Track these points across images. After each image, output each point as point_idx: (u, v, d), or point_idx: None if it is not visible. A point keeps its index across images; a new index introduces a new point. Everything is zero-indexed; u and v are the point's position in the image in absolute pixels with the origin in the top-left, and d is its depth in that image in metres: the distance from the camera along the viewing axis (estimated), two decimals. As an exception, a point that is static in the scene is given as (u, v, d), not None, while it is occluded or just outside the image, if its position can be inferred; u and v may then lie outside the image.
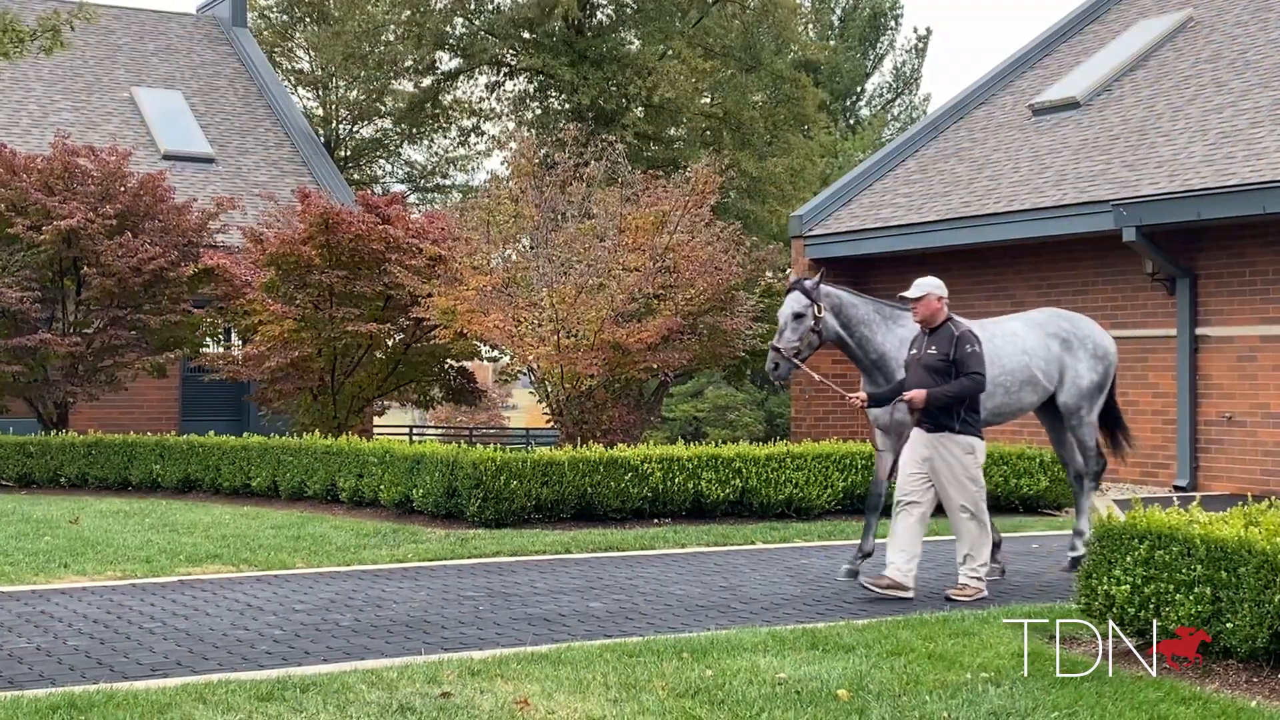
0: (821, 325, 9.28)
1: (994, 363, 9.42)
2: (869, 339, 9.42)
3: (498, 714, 5.74)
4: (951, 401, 8.59)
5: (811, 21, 44.00)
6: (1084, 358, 10.08)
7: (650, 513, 12.64)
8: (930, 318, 8.87)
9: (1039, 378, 9.86)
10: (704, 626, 7.74)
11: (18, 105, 23.95)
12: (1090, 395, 10.12)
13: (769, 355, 9.31)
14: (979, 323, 9.84)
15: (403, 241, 17.56)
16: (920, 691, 6.12)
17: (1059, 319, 10.26)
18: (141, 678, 6.35)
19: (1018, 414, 10.03)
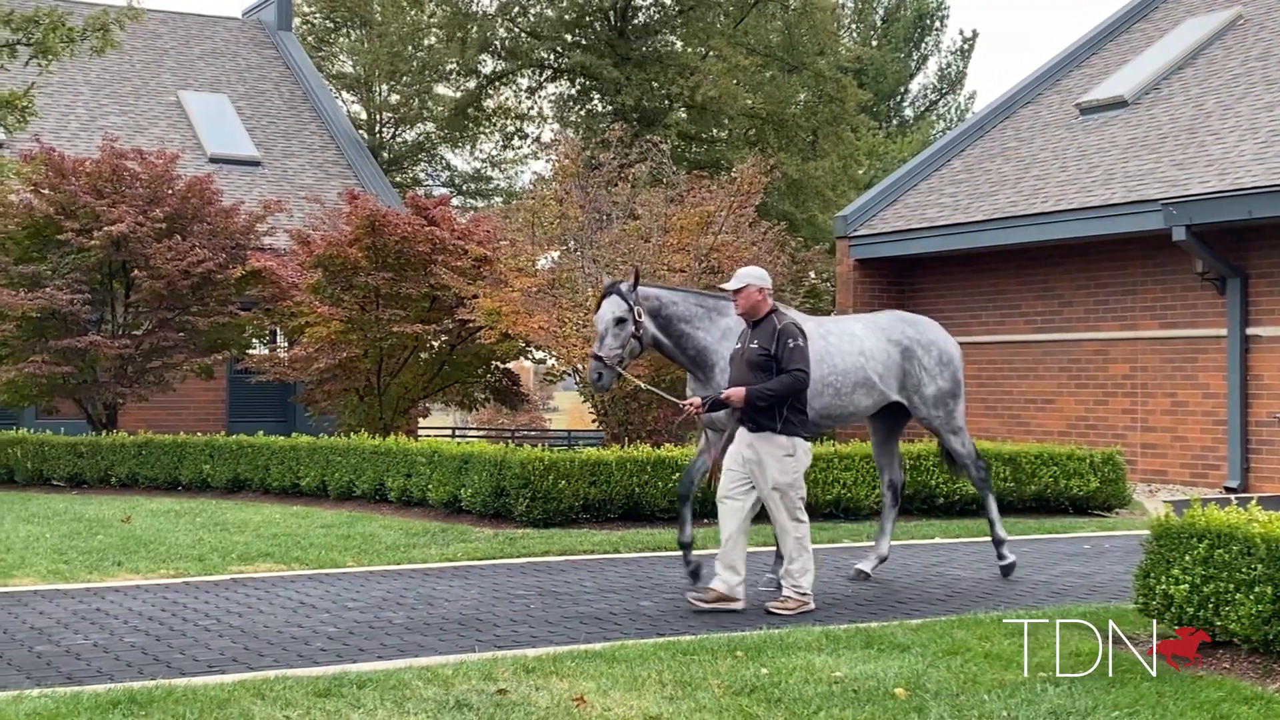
0: (642, 330, 8.76)
1: (824, 361, 9.07)
2: (688, 335, 8.89)
3: (554, 711, 5.74)
4: (773, 400, 8.05)
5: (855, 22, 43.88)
6: (928, 364, 9.63)
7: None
8: (752, 310, 8.29)
9: (875, 381, 9.40)
10: (756, 626, 7.71)
11: (66, 109, 24.19)
12: (940, 403, 9.65)
13: (590, 365, 8.76)
14: (817, 320, 9.60)
15: (448, 243, 17.63)
16: (978, 691, 6.08)
17: (902, 324, 9.80)
18: (199, 674, 6.38)
19: (852, 417, 9.54)
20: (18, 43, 14.85)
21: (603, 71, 31.65)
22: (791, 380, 8.05)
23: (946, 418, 9.74)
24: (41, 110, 15.97)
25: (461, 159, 40.75)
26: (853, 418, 9.54)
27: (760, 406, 8.06)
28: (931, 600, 8.70)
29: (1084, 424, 17.90)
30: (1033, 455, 13.76)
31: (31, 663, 6.60)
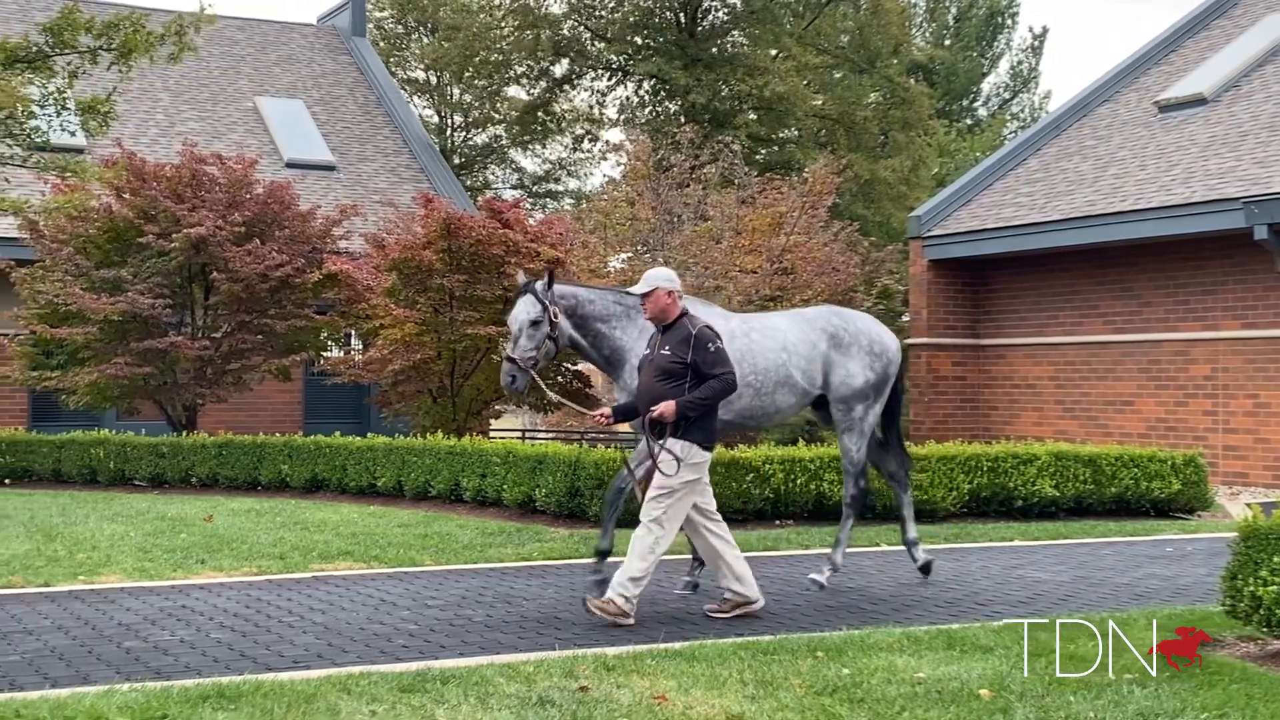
0: (558, 330, 8.47)
1: (745, 360, 8.83)
2: (604, 334, 8.64)
3: (636, 708, 5.75)
4: (707, 408, 7.75)
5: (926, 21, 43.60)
6: (857, 354, 9.25)
7: (772, 514, 12.59)
8: (660, 314, 7.94)
9: (796, 378, 9.09)
10: (834, 626, 7.69)
11: (145, 115, 24.57)
12: (863, 395, 9.25)
13: (504, 369, 8.41)
14: (742, 317, 9.35)
15: (522, 245, 17.70)
16: (1064, 692, 6.02)
17: (831, 315, 9.49)
18: (284, 669, 6.46)
19: (775, 418, 9.24)
20: (99, 49, 15.08)
21: (671, 73, 31.68)
22: (720, 385, 7.74)
23: (863, 414, 9.27)
24: (122, 116, 16.23)
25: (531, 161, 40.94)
26: (777, 417, 9.22)
27: (692, 418, 7.72)
28: (1012, 602, 8.62)
29: (1164, 426, 17.66)
30: (1113, 457, 13.61)
31: (121, 658, 6.71)
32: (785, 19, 33.12)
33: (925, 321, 19.97)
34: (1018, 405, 19.64)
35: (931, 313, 19.95)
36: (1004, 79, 46.59)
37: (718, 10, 34.03)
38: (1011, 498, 13.25)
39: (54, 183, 17.78)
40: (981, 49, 45.26)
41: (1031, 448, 13.61)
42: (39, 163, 15.96)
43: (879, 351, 9.35)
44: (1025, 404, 19.53)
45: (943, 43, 42.65)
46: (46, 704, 5.57)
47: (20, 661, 6.59)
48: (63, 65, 15.20)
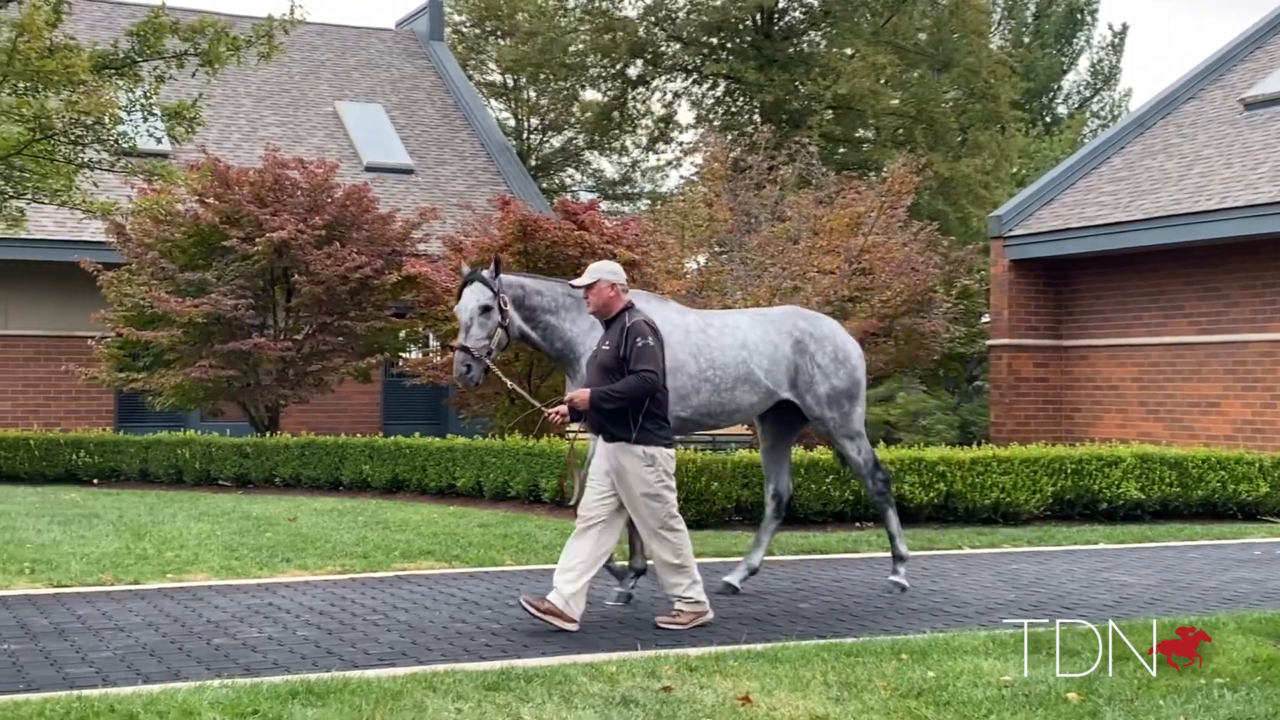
0: (508, 319, 8.20)
1: (702, 355, 8.59)
2: (555, 326, 8.35)
3: (720, 709, 5.75)
4: (621, 404, 7.42)
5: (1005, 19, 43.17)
6: (822, 361, 9.01)
7: (852, 516, 12.53)
8: (604, 308, 7.69)
9: (759, 376, 8.80)
10: (917, 629, 7.63)
11: (228, 121, 24.92)
12: (834, 403, 9.01)
13: (457, 358, 8.13)
14: (700, 313, 9.11)
15: (598, 247, 17.75)
16: (1153, 696, 5.94)
17: (796, 317, 9.22)
18: (370, 667, 6.52)
19: (735, 416, 8.96)
20: (185, 53, 15.30)
21: (745, 74, 31.62)
22: (639, 382, 7.42)
23: (842, 420, 9.07)
24: (206, 121, 16.40)
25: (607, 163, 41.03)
26: (738, 415, 8.97)
27: (607, 410, 7.46)
28: (1098, 605, 8.51)
29: (1250, 428, 17.35)
30: (1199, 460, 13.41)
31: (210, 655, 6.81)
32: (862, 17, 32.94)
33: (1006, 322, 19.78)
34: (1100, 407, 19.39)
35: (1013, 313, 19.75)
36: (1084, 77, 46.02)
37: (794, 10, 33.91)
38: (1096, 500, 13.10)
39: (140, 187, 18.07)
40: (1060, 46, 44.74)
41: (1116, 450, 13.44)
42: (126, 167, 16.24)
43: (842, 359, 9.08)
44: (1108, 406, 19.28)
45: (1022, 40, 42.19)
46: (140, 699, 5.67)
47: (113, 658, 6.71)
48: (149, 70, 15.44)
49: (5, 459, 17.08)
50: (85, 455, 16.99)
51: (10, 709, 5.51)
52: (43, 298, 21.04)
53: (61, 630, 7.39)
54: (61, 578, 9.15)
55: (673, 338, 8.43)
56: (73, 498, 14.83)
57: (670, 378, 8.25)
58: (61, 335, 20.96)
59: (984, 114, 33.15)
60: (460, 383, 8.16)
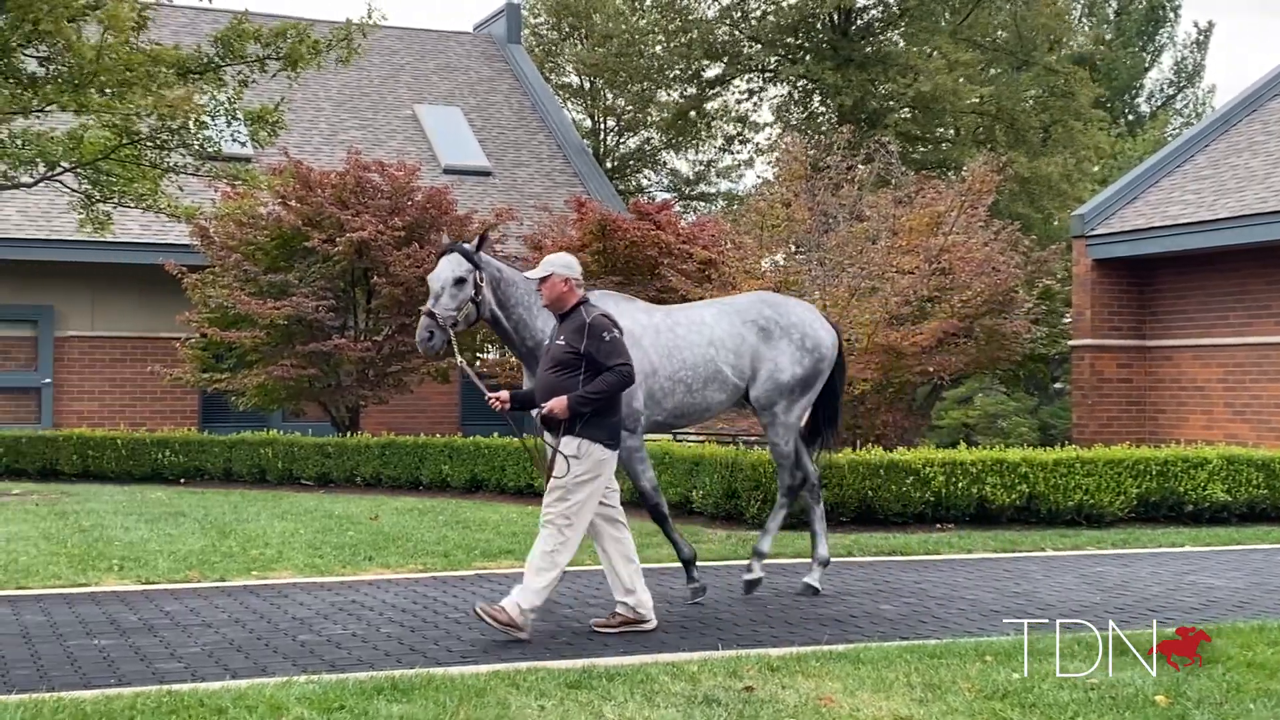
0: (481, 298, 7.94)
1: (674, 356, 8.44)
2: (527, 322, 8.10)
3: (802, 709, 5.73)
4: (600, 403, 7.21)
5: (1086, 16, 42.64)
6: (787, 348, 8.74)
7: (932, 517, 12.44)
8: (558, 302, 7.46)
9: (726, 373, 8.62)
10: (1000, 631, 7.55)
11: (310, 125, 25.21)
12: (789, 391, 8.74)
13: (422, 323, 7.84)
14: (666, 309, 8.88)
15: (675, 247, 17.79)
16: (1243, 700, 5.84)
17: (761, 304, 8.94)
18: (453, 664, 6.57)
19: (707, 414, 8.81)
20: (267, 57, 15.53)
21: (823, 74, 31.50)
22: (616, 378, 7.21)
23: (787, 408, 8.79)
24: (287, 125, 16.65)
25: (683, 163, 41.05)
26: (708, 413, 8.83)
27: (586, 414, 7.22)
28: (1185, 609, 8.38)
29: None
30: (1288, 461, 13.15)
31: (296, 651, 6.89)
32: (940, 15, 32.68)
33: (1089, 322, 19.52)
34: (1185, 408, 19.09)
35: (1095, 313, 19.49)
36: (1167, 74, 45.34)
37: (872, 9, 33.73)
38: (1181, 502, 12.90)
39: (224, 190, 18.37)
40: (1143, 43, 44.11)
41: (1202, 451, 13.22)
42: (210, 171, 16.50)
43: (811, 346, 8.82)
44: (1193, 407, 18.98)
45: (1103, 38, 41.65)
46: (229, 694, 5.75)
47: (200, 653, 6.81)
48: (232, 75, 15.69)
49: (93, 458, 17.40)
50: (171, 455, 17.26)
51: (103, 703, 5.61)
52: (129, 299, 21.42)
53: (150, 626, 7.51)
54: (149, 575, 9.31)
55: (646, 338, 8.34)
56: (159, 496, 15.07)
57: (646, 381, 8.24)
58: (147, 336, 21.33)
59: (1064, 112, 32.77)
60: (421, 349, 7.87)
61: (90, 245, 20.00)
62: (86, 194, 16.17)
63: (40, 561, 9.75)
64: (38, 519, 12.52)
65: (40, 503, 14.16)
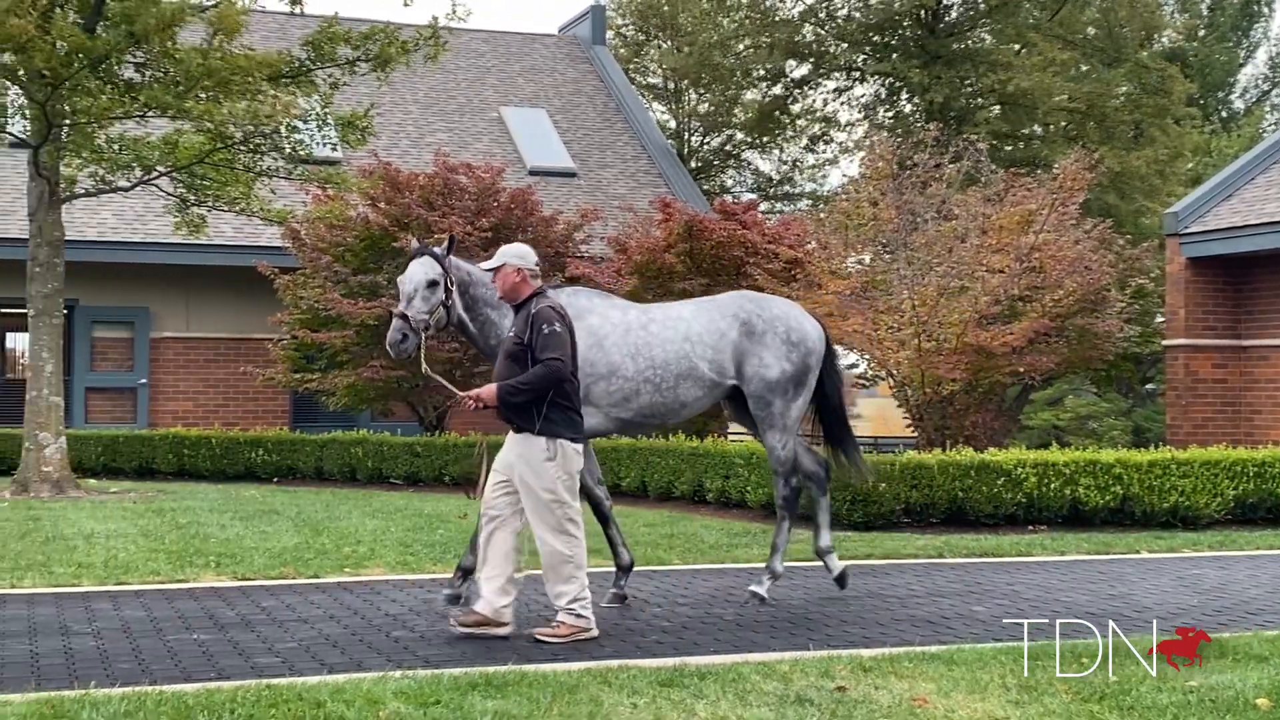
0: (452, 301, 7.83)
1: (641, 355, 8.22)
2: (496, 323, 7.96)
3: (896, 709, 5.69)
4: (528, 395, 7.03)
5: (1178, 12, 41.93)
6: (772, 344, 8.47)
7: (1024, 519, 12.30)
8: (511, 294, 7.35)
9: (702, 369, 8.37)
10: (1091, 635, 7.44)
11: (397, 128, 25.48)
12: (781, 389, 8.47)
13: (394, 325, 7.71)
14: (643, 307, 8.63)
15: (760, 247, 17.75)
16: (1351, 706, 5.71)
17: (744, 300, 8.73)
18: (545, 661, 6.60)
19: (682, 413, 8.50)
20: (357, 59, 15.73)
21: (910, 72, 31.27)
22: (545, 371, 7.03)
23: (783, 408, 8.52)
24: (376, 128, 16.86)
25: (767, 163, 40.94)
26: (685, 411, 8.52)
27: (515, 404, 7.07)
28: (1265, 613, 8.21)
29: None
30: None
31: (390, 646, 6.96)
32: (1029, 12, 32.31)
33: (1183, 322, 19.20)
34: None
35: (1189, 313, 19.17)
36: (1261, 69, 44.43)
37: (959, 6, 33.44)
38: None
39: (315, 193, 18.62)
40: (1237, 40, 43.27)
41: (1301, 452, 12.97)
42: (302, 174, 16.74)
43: (797, 340, 8.55)
44: (1291, 408, 18.60)
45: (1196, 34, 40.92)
46: (326, 688, 5.83)
47: (298, 648, 6.91)
48: (323, 78, 15.91)
49: (189, 457, 17.72)
50: (264, 454, 17.53)
51: (204, 696, 5.71)
52: (222, 301, 21.79)
53: (247, 621, 7.63)
54: (245, 571, 9.45)
55: (611, 338, 8.22)
56: (253, 495, 15.31)
57: (608, 380, 8.12)
58: (240, 337, 21.69)
59: (1156, 109, 32.24)
60: (393, 351, 7.76)
61: (185, 248, 20.37)
62: (182, 197, 16.48)
63: (139, 558, 9.95)
64: (136, 516, 12.77)
65: (138, 501, 14.44)
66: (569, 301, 8.16)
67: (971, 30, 33.37)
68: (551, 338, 7.08)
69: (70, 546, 10.52)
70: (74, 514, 12.91)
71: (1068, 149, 23.24)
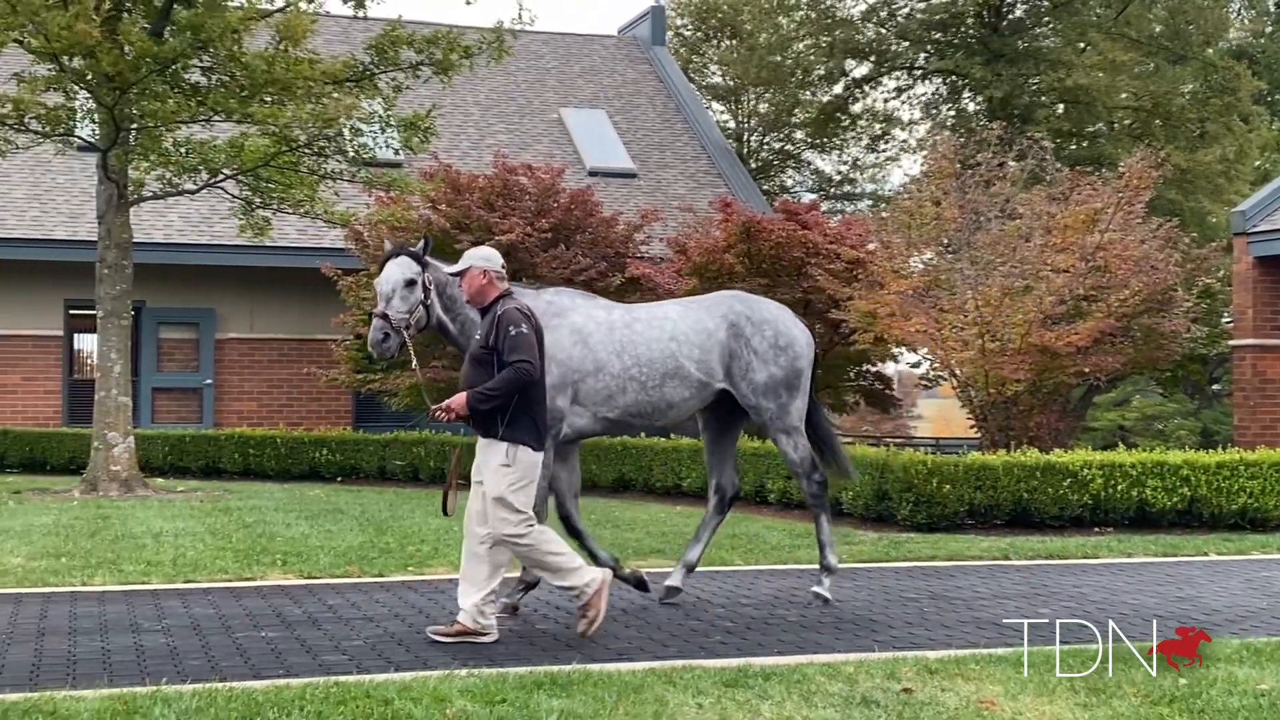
0: (430, 300, 7.74)
1: (626, 353, 8.09)
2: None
3: (963, 712, 5.66)
4: (498, 401, 6.91)
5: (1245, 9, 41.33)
6: (760, 347, 8.34)
7: (1090, 521, 12.18)
8: (477, 296, 7.23)
9: (689, 369, 8.22)
10: (1163, 636, 7.35)
11: (458, 129, 25.62)
12: (773, 393, 8.33)
13: (375, 325, 7.64)
14: (627, 306, 8.47)
15: (821, 247, 17.67)
16: None
17: (733, 300, 8.59)
18: (608, 660, 6.61)
19: (669, 413, 8.34)
20: (420, 63, 15.83)
21: (972, 70, 31.07)
22: (513, 375, 6.89)
23: (779, 412, 8.35)
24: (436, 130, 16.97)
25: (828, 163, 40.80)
26: (672, 412, 8.35)
27: (485, 411, 6.96)
28: None
29: None
30: None
31: (454, 645, 7.00)
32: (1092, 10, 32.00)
33: (1250, 322, 18.93)
34: (1354, 410, 18.41)
35: (1258, 312, 18.89)
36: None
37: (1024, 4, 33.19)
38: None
39: (377, 196, 18.75)
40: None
41: (1373, 454, 12.75)
42: (365, 177, 16.88)
43: (784, 345, 8.41)
44: (1363, 409, 18.29)
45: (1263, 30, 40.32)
46: (393, 685, 5.88)
47: (364, 646, 6.96)
48: (386, 82, 16.02)
49: (254, 456, 17.91)
50: (327, 453, 17.68)
51: (273, 693, 5.77)
52: (286, 302, 22.01)
53: (314, 619, 7.70)
54: (311, 569, 9.54)
55: (596, 335, 8.13)
56: (317, 494, 15.45)
57: (595, 378, 8.04)
58: (303, 338, 21.90)
59: (1223, 107, 31.82)
60: (375, 351, 7.68)
61: (250, 250, 20.57)
62: (247, 200, 16.66)
63: (207, 556, 10.07)
64: (203, 515, 12.93)
65: (205, 500, 14.61)
66: (551, 300, 8.13)
67: (1035, 28, 33.11)
68: (519, 339, 6.95)
69: (139, 545, 10.66)
70: (142, 512, 13.09)
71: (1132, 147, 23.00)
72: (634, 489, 15.44)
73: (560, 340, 7.97)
